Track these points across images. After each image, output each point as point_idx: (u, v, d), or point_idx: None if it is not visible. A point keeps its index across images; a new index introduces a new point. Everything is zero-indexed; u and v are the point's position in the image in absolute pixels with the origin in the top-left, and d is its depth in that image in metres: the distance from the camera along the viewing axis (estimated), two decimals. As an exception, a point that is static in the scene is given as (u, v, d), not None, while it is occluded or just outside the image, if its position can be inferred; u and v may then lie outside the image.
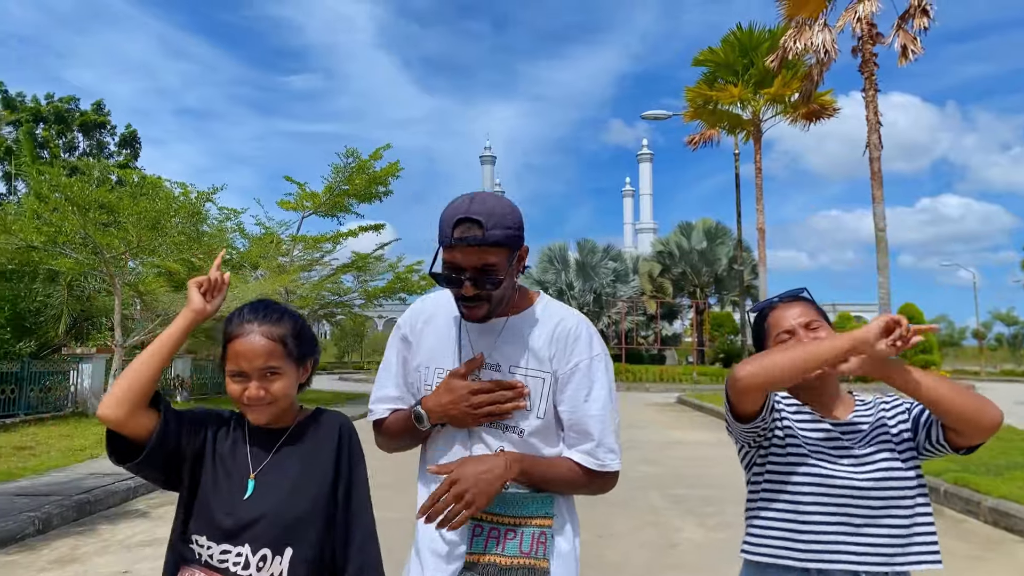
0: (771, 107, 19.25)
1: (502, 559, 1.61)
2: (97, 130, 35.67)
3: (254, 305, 1.74)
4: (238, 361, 1.65)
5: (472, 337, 1.75)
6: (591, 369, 1.70)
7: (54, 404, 14.39)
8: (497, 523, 1.63)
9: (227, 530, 1.62)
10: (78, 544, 6.05)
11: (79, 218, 12.22)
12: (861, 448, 1.79)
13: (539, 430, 1.69)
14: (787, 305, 1.92)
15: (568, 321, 1.75)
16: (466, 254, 1.58)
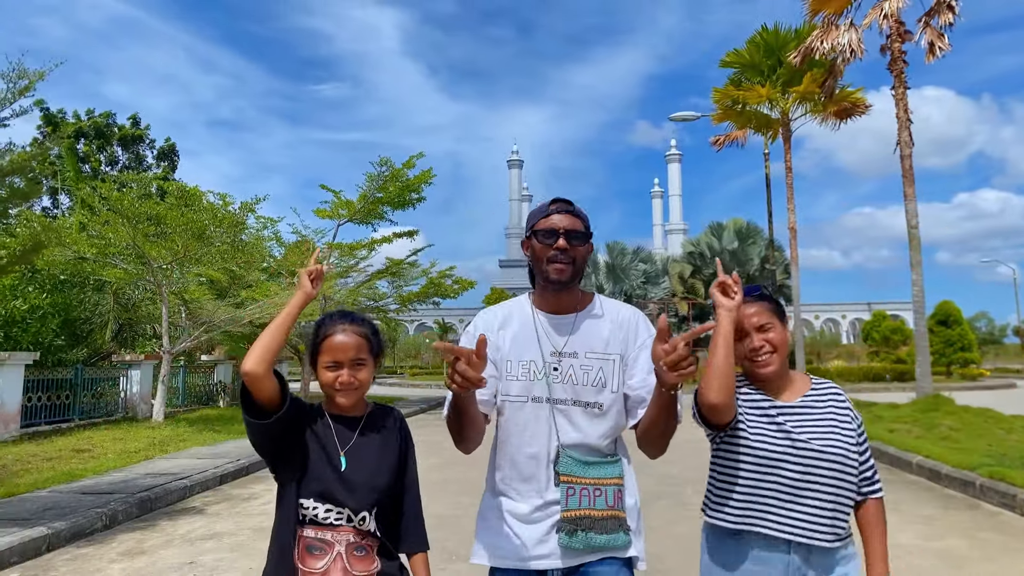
0: (800, 106, 19.20)
1: (595, 512, 1.94)
2: (136, 144, 36.62)
3: (342, 312, 2.12)
4: (334, 353, 2.01)
5: (547, 331, 2.08)
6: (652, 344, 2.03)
7: (105, 409, 14.93)
8: (587, 485, 1.96)
9: (331, 495, 1.96)
10: (143, 538, 6.41)
11: (129, 230, 12.71)
12: (798, 428, 2.00)
13: (615, 403, 2.04)
14: (746, 304, 2.07)
15: (625, 311, 2.15)
16: (561, 217, 2.05)
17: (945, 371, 37.55)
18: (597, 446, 2.03)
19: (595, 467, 1.99)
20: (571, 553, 1.97)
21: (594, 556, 1.98)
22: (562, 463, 1.98)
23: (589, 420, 2.02)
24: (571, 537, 1.93)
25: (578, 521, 1.94)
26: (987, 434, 10.15)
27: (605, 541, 1.94)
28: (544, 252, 2.04)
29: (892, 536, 5.89)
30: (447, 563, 5.50)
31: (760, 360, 2.04)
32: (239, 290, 16.97)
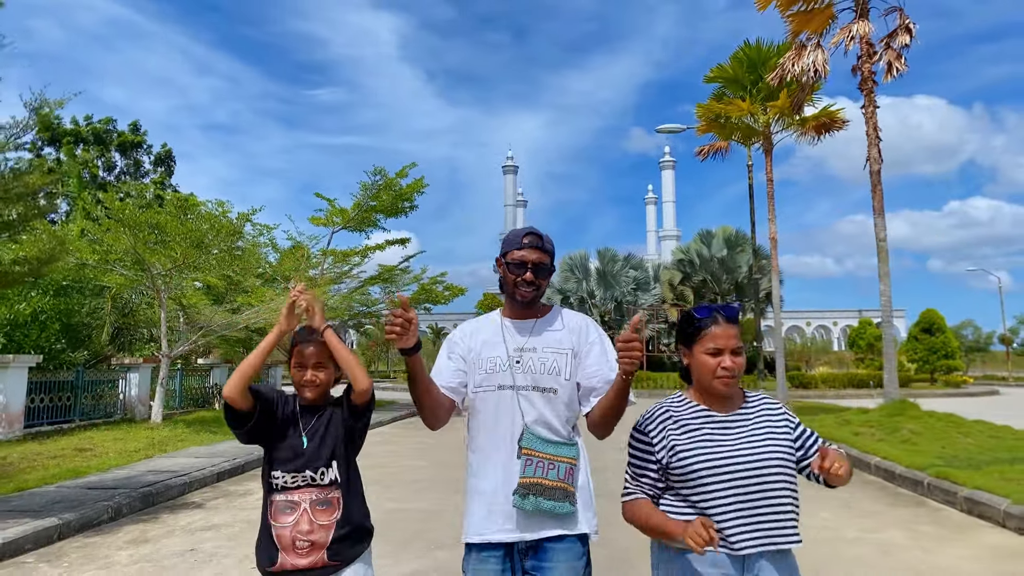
0: (779, 121, 19.82)
1: (547, 481, 2.33)
2: (134, 150, 37.04)
3: (310, 328, 2.68)
4: (301, 357, 2.62)
5: (511, 334, 2.55)
6: (603, 342, 2.54)
7: (105, 411, 15.40)
8: (543, 458, 2.35)
9: (294, 466, 2.55)
10: (147, 529, 6.91)
11: (130, 238, 13.22)
12: (738, 440, 2.17)
13: (567, 389, 2.46)
14: (726, 323, 2.23)
15: (576, 318, 2.62)
16: (531, 252, 2.49)
17: (929, 378, 38.16)
18: (555, 427, 2.41)
19: (553, 446, 2.37)
20: (530, 522, 2.32)
21: (550, 531, 2.33)
22: (525, 439, 2.37)
23: (546, 403, 2.42)
24: (523, 499, 2.30)
25: (531, 487, 2.30)
26: (945, 438, 10.71)
27: (551, 507, 2.28)
28: (513, 279, 2.50)
29: (839, 529, 6.45)
30: (430, 551, 6.01)
31: (726, 379, 2.20)
32: (236, 295, 17.46)
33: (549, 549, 2.34)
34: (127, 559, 5.86)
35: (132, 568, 5.59)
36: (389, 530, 6.50)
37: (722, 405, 2.27)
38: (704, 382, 2.26)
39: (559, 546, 2.35)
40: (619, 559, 5.72)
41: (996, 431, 11.43)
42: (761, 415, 2.27)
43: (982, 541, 6.29)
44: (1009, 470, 8.08)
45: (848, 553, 5.91)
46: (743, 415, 2.26)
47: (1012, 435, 11.15)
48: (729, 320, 2.26)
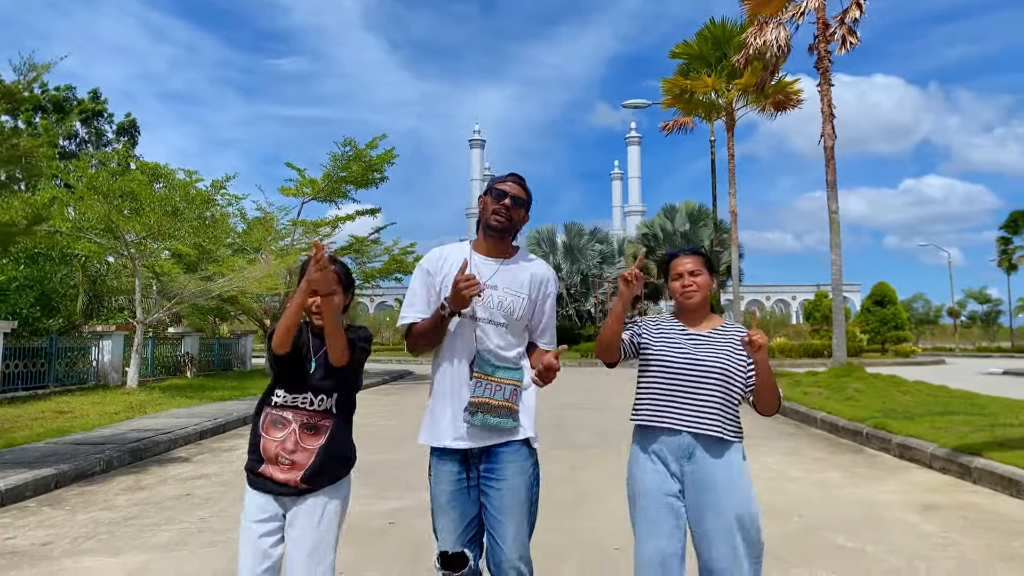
0: (742, 97, 20.44)
1: (493, 401, 2.69)
2: (95, 118, 36.41)
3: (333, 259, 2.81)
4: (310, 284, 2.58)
5: (478, 267, 2.78)
6: (553, 295, 2.91)
7: (79, 377, 15.58)
8: (491, 381, 2.71)
9: (297, 387, 2.71)
10: (140, 478, 7.29)
11: (104, 206, 13.34)
12: (699, 349, 2.75)
13: (517, 326, 2.80)
14: (684, 256, 2.86)
15: (541, 267, 2.91)
16: (512, 186, 2.82)
17: (880, 348, 39.68)
18: (504, 355, 2.74)
19: (501, 370, 2.72)
20: (475, 432, 2.67)
21: (498, 439, 2.68)
22: (477, 363, 2.70)
23: (498, 334, 2.75)
24: (472, 416, 2.65)
25: (479, 405, 2.66)
26: (886, 395, 11.52)
27: (497, 423, 2.65)
28: (492, 205, 2.77)
29: (784, 471, 7.12)
30: (409, 492, 6.51)
31: (687, 292, 2.78)
32: (207, 264, 17.63)
33: (499, 452, 2.69)
34: (126, 503, 6.25)
35: (134, 509, 6.00)
36: (372, 476, 6.98)
37: (695, 323, 2.83)
38: (677, 302, 2.86)
39: (507, 449, 2.70)
40: (584, 493, 6.30)
41: (933, 390, 12.29)
42: (727, 338, 2.79)
43: (909, 479, 7.00)
44: (939, 420, 8.85)
45: (788, 488, 6.57)
46: (710, 334, 2.80)
47: (947, 393, 12.02)
48: (687, 253, 2.87)
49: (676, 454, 2.69)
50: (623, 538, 4.93)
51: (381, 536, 5.16)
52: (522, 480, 2.70)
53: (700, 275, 2.82)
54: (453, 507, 2.70)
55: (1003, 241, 58.38)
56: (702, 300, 2.83)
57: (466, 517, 2.70)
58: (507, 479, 2.68)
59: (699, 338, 2.80)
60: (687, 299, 2.83)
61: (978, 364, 34.58)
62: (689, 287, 2.82)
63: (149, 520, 5.65)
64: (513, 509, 2.65)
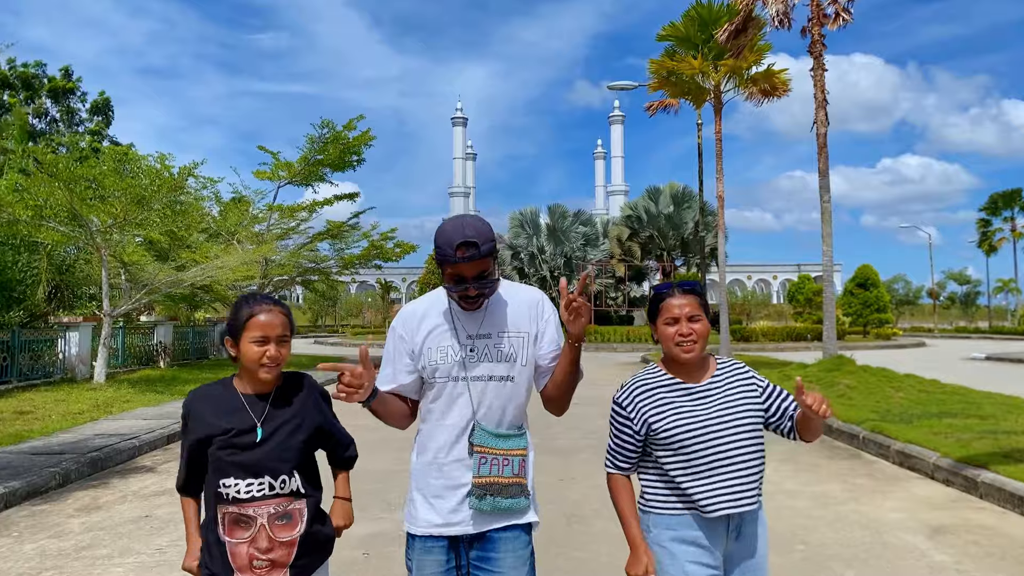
0: (729, 80, 20.00)
1: (502, 479, 2.23)
2: (66, 96, 35.25)
3: (263, 295, 2.36)
4: (264, 329, 2.23)
5: (463, 320, 2.33)
6: (555, 316, 2.39)
7: (44, 371, 14.97)
8: (496, 455, 2.25)
9: (250, 467, 2.21)
10: (98, 495, 6.82)
11: (65, 193, 12.68)
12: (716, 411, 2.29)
13: (523, 375, 2.33)
14: (680, 296, 2.35)
15: (530, 293, 2.42)
16: (469, 267, 2.18)
17: (862, 331, 39.81)
18: (507, 419, 2.29)
19: (504, 439, 2.26)
20: (480, 517, 2.25)
21: (498, 523, 2.26)
22: (477, 435, 2.24)
23: (499, 393, 2.28)
24: (480, 500, 2.21)
25: (487, 487, 2.21)
26: (878, 392, 11.25)
27: (510, 504, 2.23)
28: (453, 292, 2.25)
29: (780, 483, 6.76)
30: (387, 512, 6.10)
31: (685, 346, 2.30)
32: (179, 252, 17.01)
33: (496, 539, 2.28)
34: (79, 527, 5.79)
35: (86, 536, 5.53)
36: (346, 492, 6.55)
37: (691, 374, 2.37)
38: (669, 351, 2.37)
39: (506, 535, 2.29)
40: (571, 514, 5.91)
41: (925, 385, 12.05)
42: (733, 383, 2.37)
43: (912, 493, 6.68)
44: (938, 424, 8.56)
45: (788, 506, 6.22)
46: (714, 384, 2.36)
47: (940, 389, 11.78)
48: (685, 291, 2.37)
49: (719, 540, 2.31)
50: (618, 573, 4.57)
51: (353, 571, 4.74)
52: (522, 572, 2.30)
53: (699, 321, 2.34)
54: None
55: (983, 223, 58.75)
56: (701, 350, 2.36)
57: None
58: (504, 571, 2.27)
59: (707, 396, 2.34)
60: (685, 353, 2.33)
61: (959, 347, 34.74)
62: (688, 337, 2.32)
63: (102, 551, 5.19)
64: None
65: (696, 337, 2.32)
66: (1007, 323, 60.88)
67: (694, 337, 2.31)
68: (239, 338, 2.24)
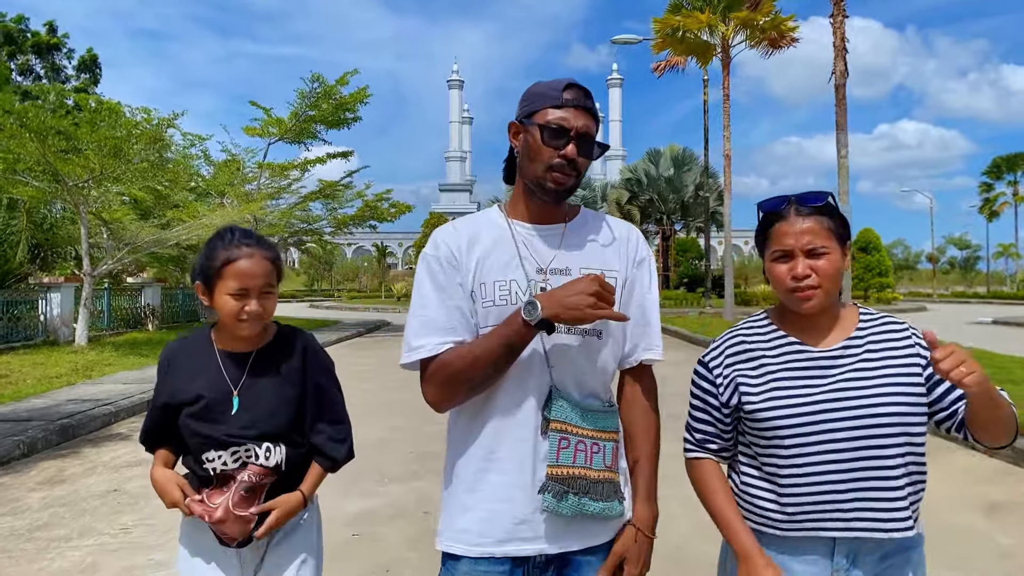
0: (739, 32, 19.15)
1: (592, 472, 1.57)
2: (52, 53, 34.12)
3: (243, 231, 1.90)
4: (241, 279, 1.81)
5: (530, 244, 1.68)
6: (651, 264, 1.78)
7: (24, 333, 14.35)
8: (584, 436, 1.59)
9: (224, 443, 1.87)
10: (64, 466, 6.24)
11: (37, 145, 11.91)
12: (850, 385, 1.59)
13: (615, 331, 1.69)
14: (799, 216, 1.62)
15: (621, 224, 1.80)
16: (576, 115, 1.60)
17: (863, 295, 39.40)
18: (595, 388, 1.67)
19: (593, 416, 1.61)
20: (558, 528, 1.59)
21: (587, 540, 1.63)
22: (555, 408, 1.58)
23: (587, 352, 1.63)
24: (560, 501, 1.54)
25: (570, 481, 1.55)
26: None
27: (600, 509, 1.57)
28: (548, 156, 1.60)
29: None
30: (380, 486, 5.55)
31: (802, 291, 1.59)
32: (165, 210, 16.27)
33: (580, 565, 1.62)
34: (39, 503, 5.21)
35: (44, 514, 4.96)
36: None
37: (814, 332, 1.65)
38: (783, 300, 1.66)
39: (596, 561, 1.63)
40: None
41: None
42: (881, 349, 1.62)
43: (955, 464, 6.15)
44: (971, 390, 8.01)
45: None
46: (849, 350, 1.62)
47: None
48: (802, 211, 1.61)
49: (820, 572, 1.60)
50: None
51: (341, 553, 4.16)
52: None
53: (826, 254, 1.58)
54: None
55: (985, 187, 58.13)
56: (827, 299, 1.60)
57: None
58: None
59: (833, 367, 1.60)
60: (803, 301, 1.59)
61: (961, 311, 34.35)
62: (806, 280, 1.57)
63: (60, 530, 4.62)
64: None
65: (819, 280, 1.58)
66: (1006, 288, 60.61)
67: (815, 280, 1.58)
68: (212, 286, 1.84)
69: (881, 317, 1.68)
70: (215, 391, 1.88)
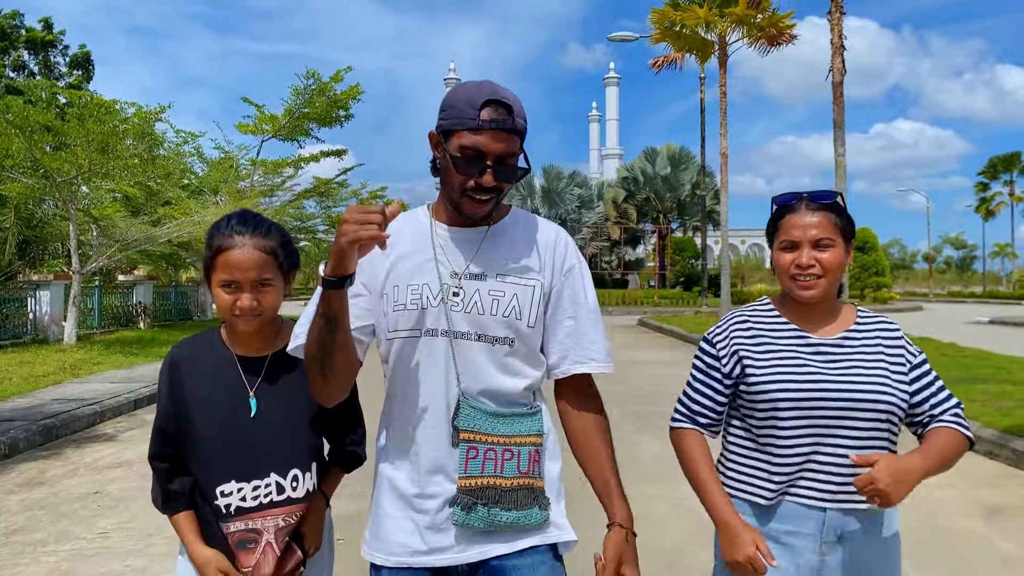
0: (736, 30, 19.05)
1: (503, 480, 1.53)
2: (46, 49, 33.85)
3: (242, 216, 1.71)
4: (231, 271, 1.64)
5: (447, 247, 1.62)
6: (582, 271, 1.69)
7: (13, 331, 14.19)
8: (493, 444, 1.54)
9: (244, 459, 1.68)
10: (45, 468, 6.11)
11: (24, 141, 11.74)
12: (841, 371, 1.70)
13: (531, 340, 1.61)
14: (809, 211, 1.73)
15: (549, 229, 1.71)
16: (494, 139, 1.48)
17: (859, 294, 39.39)
18: (513, 395, 1.59)
19: (507, 421, 1.56)
20: (474, 538, 1.55)
21: (509, 546, 1.56)
22: (463, 416, 1.54)
23: (497, 360, 1.57)
24: (468, 513, 1.51)
25: (479, 492, 1.51)
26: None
27: (514, 519, 1.52)
28: (461, 182, 1.52)
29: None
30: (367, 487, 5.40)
31: (804, 280, 1.70)
32: (156, 207, 16.10)
33: (508, 568, 1.56)
34: (17, 505, 5.08)
35: (21, 517, 4.83)
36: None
37: (813, 322, 1.78)
38: (784, 287, 1.78)
39: (523, 562, 1.56)
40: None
41: (944, 349, 11.47)
42: (873, 345, 1.76)
43: (956, 467, 6.03)
44: (970, 390, 7.91)
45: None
46: (845, 342, 1.75)
47: (960, 353, 11.19)
48: (812, 206, 1.74)
49: (813, 540, 1.71)
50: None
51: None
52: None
53: (830, 247, 1.70)
54: None
55: (981, 187, 58.16)
56: (827, 291, 1.73)
57: None
58: None
59: (829, 354, 1.74)
60: (803, 289, 1.71)
61: (957, 311, 34.33)
62: (809, 270, 1.69)
63: (36, 535, 4.49)
64: None
65: (822, 270, 1.70)
66: (1002, 288, 60.68)
67: (818, 270, 1.70)
68: (209, 277, 1.69)
69: (877, 317, 1.82)
70: (228, 390, 1.71)
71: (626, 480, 1.75)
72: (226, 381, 1.72)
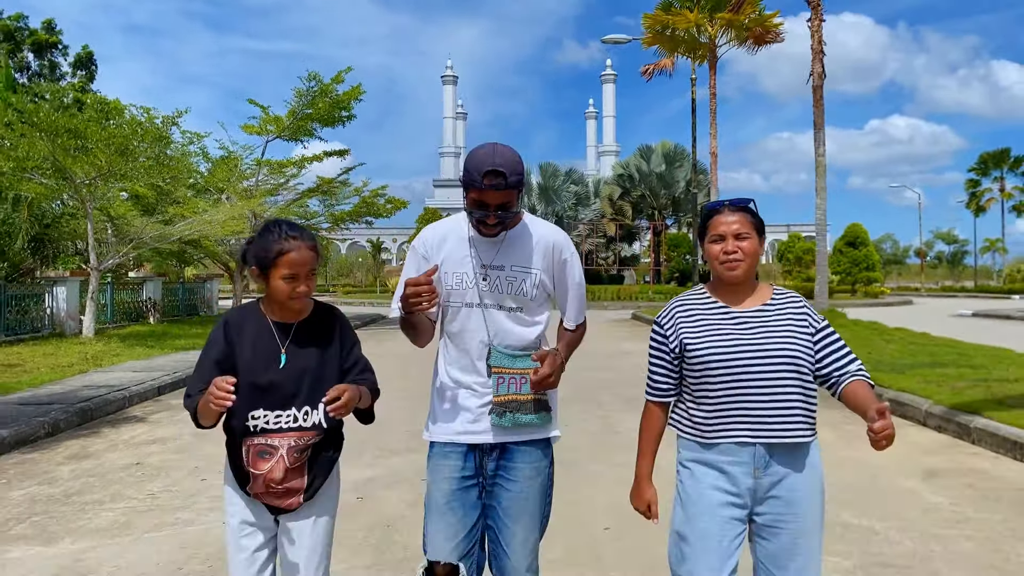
0: (726, 32, 19.68)
1: (521, 396, 2.35)
2: (49, 50, 34.38)
3: (290, 224, 2.30)
4: (292, 267, 2.21)
5: (480, 249, 2.40)
6: (574, 261, 2.51)
7: (32, 326, 14.81)
8: (514, 375, 2.35)
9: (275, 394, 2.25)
10: (87, 444, 6.75)
11: (47, 143, 12.36)
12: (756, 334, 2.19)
13: (532, 307, 2.44)
14: (730, 212, 2.25)
15: (549, 232, 2.49)
16: (493, 195, 2.24)
17: (851, 289, 39.97)
18: (523, 343, 2.39)
19: (522, 359, 2.36)
20: (500, 431, 2.35)
21: (519, 436, 2.37)
22: (493, 357, 2.35)
23: (512, 320, 2.40)
24: (500, 417, 2.32)
25: (507, 404, 2.33)
26: (870, 344, 11.29)
27: (530, 420, 2.34)
28: (474, 220, 2.31)
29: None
30: (381, 459, 6.06)
31: (730, 263, 2.20)
32: (167, 206, 16.73)
33: (514, 450, 2.38)
34: (69, 474, 5.73)
35: (76, 483, 5.47)
36: (340, 440, 6.52)
37: (737, 299, 2.28)
38: (714, 271, 2.29)
39: (525, 448, 2.39)
40: (563, 459, 5.90)
41: (916, 338, 12.11)
42: (783, 314, 2.26)
43: (905, 438, 6.69)
44: (930, 373, 8.58)
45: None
46: (761, 313, 2.26)
47: (931, 341, 11.84)
48: (735, 208, 2.27)
49: (746, 468, 2.20)
50: (611, 516, 4.56)
51: (348, 513, 4.68)
52: (538, 482, 2.42)
53: (748, 239, 2.23)
54: (453, 509, 2.36)
55: (972, 183, 58.82)
56: (747, 272, 2.25)
57: (466, 523, 2.36)
58: (521, 480, 2.39)
59: (749, 320, 2.24)
60: (729, 271, 2.23)
61: (946, 305, 34.92)
62: (733, 255, 2.21)
63: (92, 496, 5.14)
64: (524, 513, 2.38)
65: (742, 256, 2.21)
66: (993, 282, 61.35)
67: (740, 255, 2.21)
68: (268, 272, 2.24)
69: (788, 293, 2.34)
70: (266, 347, 2.29)
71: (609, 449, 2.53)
72: (264, 340, 2.30)
